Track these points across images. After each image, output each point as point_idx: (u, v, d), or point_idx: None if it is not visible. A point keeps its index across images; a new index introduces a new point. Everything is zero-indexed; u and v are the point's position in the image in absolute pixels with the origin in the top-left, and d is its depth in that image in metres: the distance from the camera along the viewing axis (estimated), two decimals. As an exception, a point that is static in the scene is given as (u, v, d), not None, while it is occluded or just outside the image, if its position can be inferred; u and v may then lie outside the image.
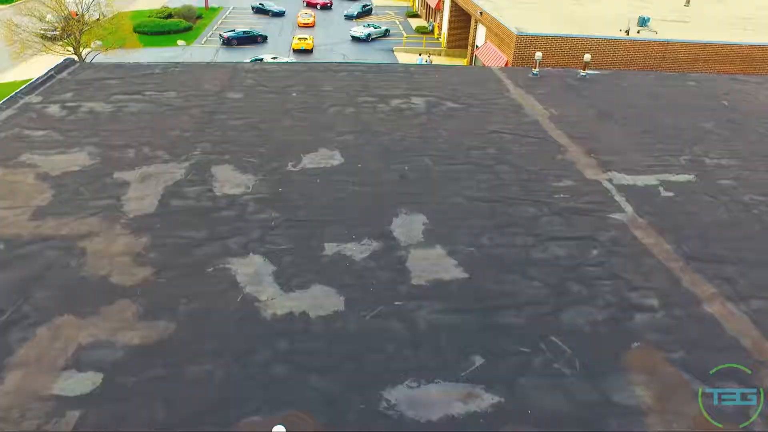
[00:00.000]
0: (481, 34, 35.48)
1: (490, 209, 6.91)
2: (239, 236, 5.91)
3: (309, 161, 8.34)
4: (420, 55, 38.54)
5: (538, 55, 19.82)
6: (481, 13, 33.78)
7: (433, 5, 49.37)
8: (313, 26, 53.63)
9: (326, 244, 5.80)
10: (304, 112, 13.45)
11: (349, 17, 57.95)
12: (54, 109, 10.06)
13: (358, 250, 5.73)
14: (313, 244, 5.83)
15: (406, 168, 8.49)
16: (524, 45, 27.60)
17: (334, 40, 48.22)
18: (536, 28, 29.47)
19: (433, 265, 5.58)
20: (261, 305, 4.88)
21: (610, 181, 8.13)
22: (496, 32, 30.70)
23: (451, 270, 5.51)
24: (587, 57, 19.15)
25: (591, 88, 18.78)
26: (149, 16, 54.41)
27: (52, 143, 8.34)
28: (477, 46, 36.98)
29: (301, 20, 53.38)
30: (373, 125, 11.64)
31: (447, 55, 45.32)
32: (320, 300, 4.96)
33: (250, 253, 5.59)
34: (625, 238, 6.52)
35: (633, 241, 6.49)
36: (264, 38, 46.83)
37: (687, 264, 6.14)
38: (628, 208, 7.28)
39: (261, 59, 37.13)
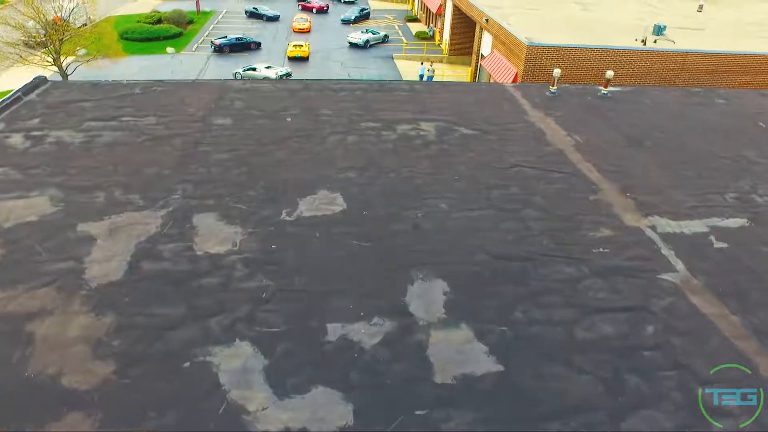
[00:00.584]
0: (486, 42, 34.85)
1: (521, 270, 6.08)
2: (224, 313, 5.06)
3: (306, 207, 7.52)
4: (422, 63, 37.93)
5: (557, 72, 19.09)
6: (486, 20, 33.16)
7: (434, 10, 48.83)
8: (309, 32, 53.04)
9: (329, 325, 4.96)
10: (300, 141, 12.66)
11: (346, 22, 57.41)
12: (16, 140, 9.23)
13: (367, 333, 4.88)
14: (312, 324, 4.98)
15: (419, 215, 7.68)
16: (535, 56, 26.92)
17: (330, 47, 47.60)
18: (546, 36, 28.83)
19: (459, 353, 4.74)
20: (249, 418, 4.03)
21: (653, 228, 7.32)
22: (504, 41, 30.06)
23: (481, 360, 4.67)
24: (609, 74, 18.43)
25: (615, 109, 18.03)
26: (138, 21, 53.78)
27: (8, 184, 7.50)
28: (482, 55, 36.34)
29: (297, 25, 52.79)
30: (378, 158, 10.87)
31: (449, 62, 44.72)
32: (322, 409, 4.11)
33: (237, 339, 4.75)
34: (682, 308, 5.70)
35: (692, 312, 5.66)
36: (257, 45, 46.16)
37: (761, 343, 5.33)
38: (680, 266, 6.47)
39: (254, 68, 36.41)
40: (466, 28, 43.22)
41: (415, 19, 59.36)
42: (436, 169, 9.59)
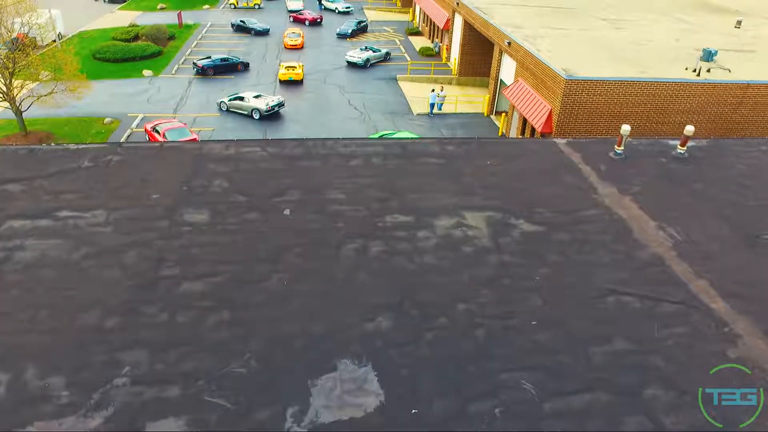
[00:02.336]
0: (508, 68, 32.41)
1: None
2: None
3: (323, 404, 4.98)
4: (433, 90, 35.39)
5: (625, 129, 16.51)
6: (509, 43, 30.71)
7: (440, 25, 46.51)
8: (302, 48, 50.62)
9: None
10: (303, 255, 10.04)
11: (342, 36, 55.05)
12: None
13: None
14: None
15: (497, 412, 5.15)
16: (575, 91, 24.43)
17: (326, 67, 45.11)
18: (582, 65, 26.39)
19: None
20: None
21: None
22: (533, 70, 27.56)
23: None
24: (689, 129, 15.85)
25: (703, 178, 15.31)
26: (113, 37, 51.25)
27: None
28: (502, 81, 33.87)
29: (288, 41, 50.36)
30: (419, 286, 8.35)
31: (459, 84, 42.30)
32: None
33: None
34: None
35: None
36: (245, 66, 43.59)
37: None
38: None
39: (241, 98, 33.71)
40: (479, 46, 40.90)
41: (417, 32, 57.09)
42: (501, 304, 7.25)
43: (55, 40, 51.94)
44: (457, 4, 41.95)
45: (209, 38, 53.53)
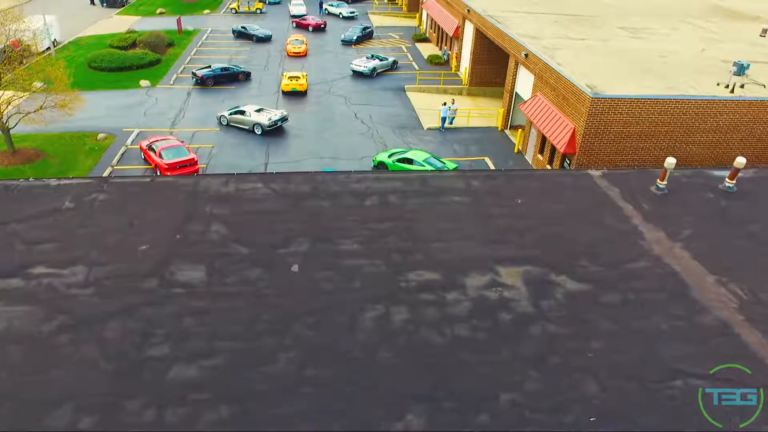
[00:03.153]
0: (525, 81, 30.86)
1: None
2: None
3: None
4: (444, 104, 33.79)
5: (670, 162, 14.95)
6: (526, 55, 29.16)
7: (450, 32, 44.97)
8: (305, 55, 49.16)
9: None
10: (314, 326, 8.75)
11: (347, 42, 53.55)
12: None
13: None
14: None
15: None
16: (601, 110, 22.87)
17: (331, 75, 43.60)
18: (607, 80, 24.84)
19: None
20: None
21: None
22: (554, 86, 26.01)
23: None
24: (740, 161, 14.25)
25: (758, 218, 13.75)
26: (110, 45, 49.83)
27: None
28: (518, 95, 32.28)
29: (291, 48, 48.88)
30: (452, 369, 7.42)
31: (470, 94, 40.76)
32: None
33: None
34: None
35: None
36: (246, 75, 42.09)
37: None
38: None
39: (242, 111, 32.17)
40: (491, 56, 39.39)
41: (424, 39, 55.58)
42: (552, 392, 6.75)
43: (49, 48, 50.62)
44: (468, 11, 40.44)
45: (209, 45, 52.09)
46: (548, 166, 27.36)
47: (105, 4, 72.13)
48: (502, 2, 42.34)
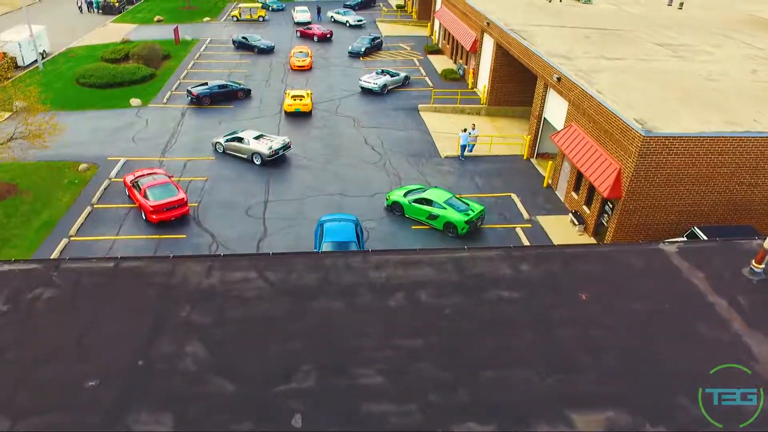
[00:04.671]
0: (556, 107, 27.85)
1: None
2: None
3: None
4: (464, 130, 30.68)
5: None
6: (558, 79, 26.14)
7: (467, 46, 41.99)
8: (310, 69, 46.27)
9: None
10: None
11: (354, 54, 50.61)
12: None
13: None
14: None
15: None
16: (654, 151, 19.87)
17: (338, 93, 40.64)
18: (657, 112, 21.81)
19: None
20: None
21: None
22: (593, 117, 23.00)
23: None
24: None
25: None
26: (101, 57, 47.09)
27: None
28: (547, 120, 29.25)
29: (295, 62, 45.99)
30: None
31: (489, 114, 37.76)
32: None
33: None
34: None
35: None
36: (246, 93, 39.19)
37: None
38: None
39: (240, 138, 29.19)
40: (513, 73, 36.39)
41: (437, 51, 52.61)
42: None
43: (36, 61, 47.86)
44: (488, 24, 37.46)
45: (208, 57, 49.25)
46: (585, 208, 24.33)
47: (100, 11, 69.55)
48: (522, 13, 39.39)
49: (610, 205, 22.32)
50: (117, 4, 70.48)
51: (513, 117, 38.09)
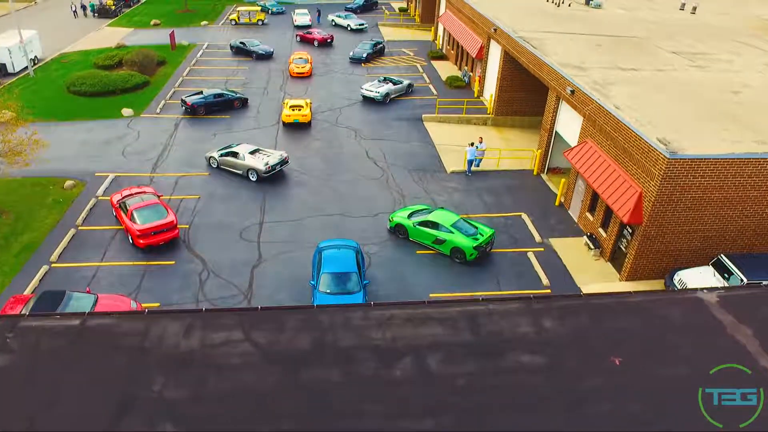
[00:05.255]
0: (569, 121, 26.45)
1: None
2: None
3: None
4: (471, 144, 29.23)
5: None
6: (572, 91, 24.75)
7: (473, 53, 40.59)
8: (310, 76, 44.89)
9: None
10: None
11: (356, 60, 49.22)
12: None
13: None
14: None
15: None
16: (679, 174, 18.47)
17: (338, 101, 39.25)
18: (672, 124, 20.43)
19: None
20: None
21: None
22: (611, 134, 21.60)
23: None
24: None
25: None
26: (94, 63, 45.77)
27: None
28: (558, 134, 27.83)
29: (295, 68, 44.63)
30: None
31: (496, 125, 36.38)
32: None
33: None
34: None
35: None
36: (243, 102, 37.83)
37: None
38: None
39: (235, 153, 27.82)
40: (521, 82, 34.99)
41: (441, 56, 51.23)
42: None
43: (27, 68, 46.51)
44: (495, 30, 36.07)
45: (204, 63, 47.90)
46: (601, 231, 22.92)
47: (96, 15, 68.28)
48: (531, 19, 37.99)
49: (629, 230, 20.93)
50: (113, 8, 69.21)
51: (521, 127, 36.69)
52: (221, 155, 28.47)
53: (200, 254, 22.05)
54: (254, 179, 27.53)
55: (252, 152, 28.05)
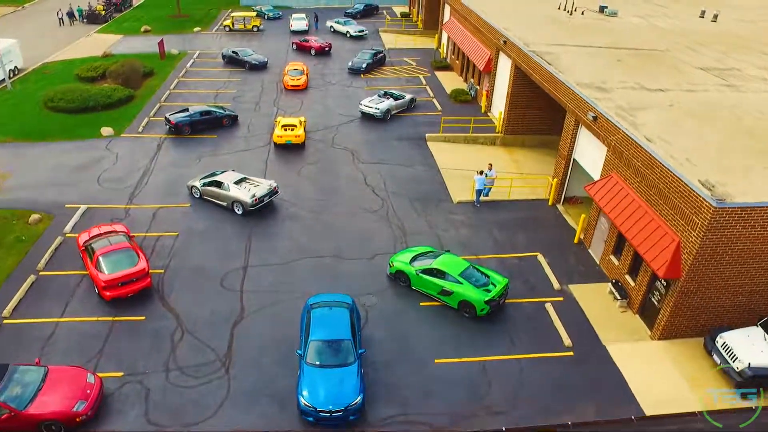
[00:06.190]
0: (590, 149, 24.01)
1: None
2: None
3: None
4: (480, 172, 26.53)
5: None
6: (594, 117, 22.28)
7: (480, 66, 38.13)
8: (305, 88, 42.44)
9: None
10: None
11: (354, 71, 46.68)
12: None
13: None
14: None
15: None
16: (726, 224, 16.01)
17: (335, 118, 36.73)
18: (712, 162, 17.93)
19: None
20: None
21: None
22: (642, 171, 19.12)
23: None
24: None
25: None
26: (77, 75, 43.38)
27: None
28: (576, 161, 25.31)
29: (290, 80, 42.18)
30: None
31: (505, 144, 33.91)
32: None
33: None
34: None
35: None
36: (232, 120, 35.36)
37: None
38: None
39: (219, 183, 25.35)
40: (533, 98, 32.48)
41: (445, 66, 48.72)
42: None
43: (4, 80, 44.09)
44: (504, 42, 33.58)
45: (194, 74, 45.45)
46: (628, 278, 20.44)
47: (85, 21, 65.92)
48: (543, 29, 35.44)
49: (663, 282, 18.47)
50: (103, 13, 66.86)
51: (532, 147, 34.18)
52: (204, 185, 25.96)
53: (174, 307, 19.53)
54: (240, 212, 25.05)
55: (238, 182, 25.50)
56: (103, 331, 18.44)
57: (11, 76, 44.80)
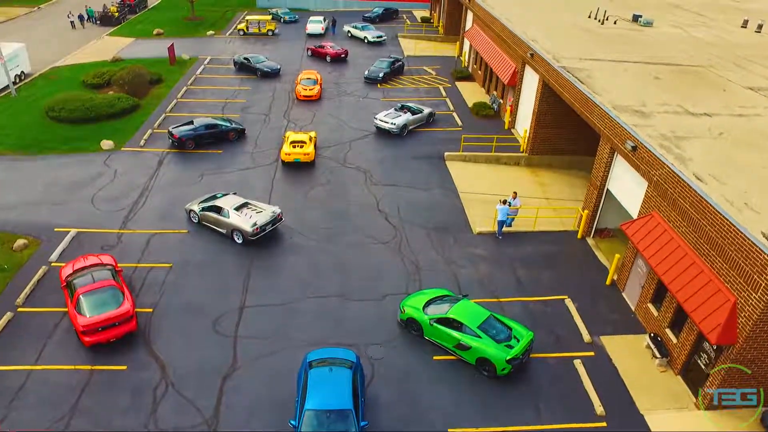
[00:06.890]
0: (626, 179, 21.69)
1: None
2: None
3: None
4: (504, 202, 24.30)
5: None
6: (634, 147, 20.09)
7: (504, 79, 35.99)
8: (318, 99, 40.63)
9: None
10: None
11: (371, 80, 44.76)
12: None
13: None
14: None
15: None
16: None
17: (348, 133, 34.81)
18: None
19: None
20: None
21: None
22: (688, 212, 16.84)
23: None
24: None
25: None
26: (83, 81, 42.10)
27: None
28: (611, 193, 22.99)
29: (302, 90, 40.41)
30: None
31: (530, 165, 31.75)
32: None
33: None
34: None
35: None
36: (239, 133, 33.66)
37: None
38: None
39: (218, 208, 23.58)
40: (562, 116, 30.27)
41: (466, 76, 46.60)
42: None
43: (8, 86, 42.96)
44: (531, 55, 31.43)
45: (204, 81, 43.90)
46: (669, 333, 18.20)
47: (98, 22, 64.97)
48: (573, 40, 33.15)
49: (714, 350, 16.26)
50: (117, 15, 65.86)
51: (560, 168, 31.98)
52: (203, 209, 24.18)
53: (160, 355, 17.74)
54: (240, 241, 23.28)
55: (239, 207, 23.67)
56: (78, 383, 16.67)
57: (17, 81, 43.72)
